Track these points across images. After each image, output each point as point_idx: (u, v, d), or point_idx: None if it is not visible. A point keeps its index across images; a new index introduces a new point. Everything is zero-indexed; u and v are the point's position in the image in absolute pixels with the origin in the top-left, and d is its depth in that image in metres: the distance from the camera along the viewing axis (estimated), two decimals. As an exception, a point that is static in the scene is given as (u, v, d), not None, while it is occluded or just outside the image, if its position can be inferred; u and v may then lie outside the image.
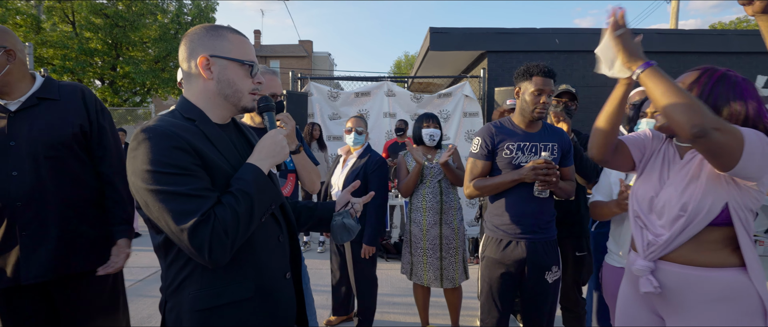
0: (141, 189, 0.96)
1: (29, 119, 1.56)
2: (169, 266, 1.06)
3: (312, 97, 6.28)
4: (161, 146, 0.95)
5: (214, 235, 0.94)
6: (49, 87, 1.64)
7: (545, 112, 1.98)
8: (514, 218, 2.02)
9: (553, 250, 2.05)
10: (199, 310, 1.03)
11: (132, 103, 14.66)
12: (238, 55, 1.10)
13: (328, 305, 3.52)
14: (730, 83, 1.21)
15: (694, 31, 7.06)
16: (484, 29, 6.76)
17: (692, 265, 1.23)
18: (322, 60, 33.12)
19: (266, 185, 1.07)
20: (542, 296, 2.03)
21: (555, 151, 2.04)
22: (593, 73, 6.68)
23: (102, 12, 12.57)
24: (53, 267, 1.57)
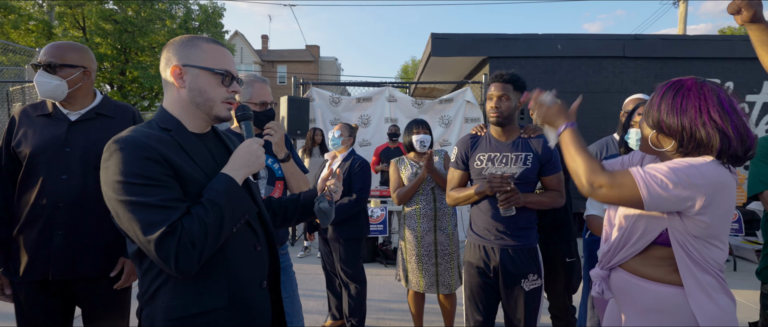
0: (112, 199, 0.97)
1: (85, 131, 1.71)
2: (144, 274, 1.07)
3: (314, 102, 6.32)
4: (132, 157, 0.96)
5: (180, 246, 0.94)
6: (107, 105, 1.80)
7: (499, 115, 1.99)
8: (488, 225, 2.04)
9: (530, 258, 2.03)
10: (172, 318, 1.03)
11: (140, 107, 14.89)
12: (210, 64, 1.11)
13: (323, 310, 3.54)
14: (673, 95, 1.18)
15: (699, 36, 7.00)
16: (486, 35, 6.78)
17: (637, 276, 1.29)
18: (329, 65, 33.31)
19: (238, 195, 1.07)
20: (517, 304, 2.02)
21: (529, 162, 2.01)
22: (596, 79, 6.70)
23: (111, 18, 12.82)
24: (81, 267, 1.68)
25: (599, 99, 6.70)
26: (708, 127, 1.12)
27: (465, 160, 2.14)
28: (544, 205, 2.03)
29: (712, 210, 1.11)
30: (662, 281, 1.23)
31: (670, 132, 1.18)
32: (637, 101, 2.60)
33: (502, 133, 2.06)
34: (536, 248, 2.08)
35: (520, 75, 2.07)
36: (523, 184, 2.01)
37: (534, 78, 6.79)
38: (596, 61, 6.77)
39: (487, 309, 2.09)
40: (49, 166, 1.64)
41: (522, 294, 2.00)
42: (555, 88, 5.54)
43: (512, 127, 2.06)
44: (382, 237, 5.46)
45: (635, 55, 6.73)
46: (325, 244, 3.08)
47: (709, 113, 1.12)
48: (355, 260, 2.94)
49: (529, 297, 2.01)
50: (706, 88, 1.16)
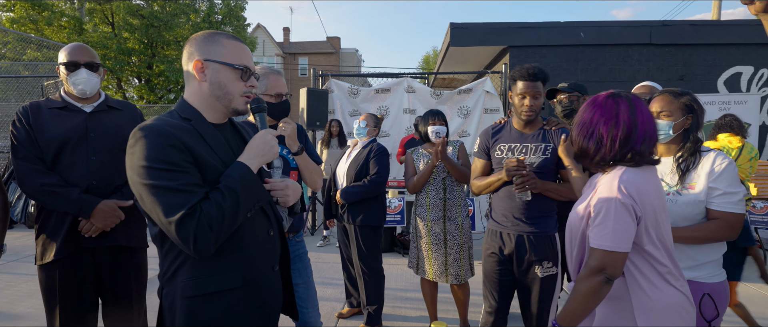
0: (136, 183, 1.05)
1: (103, 120, 1.93)
2: (165, 255, 1.15)
3: (333, 93, 6.38)
4: (155, 143, 1.03)
5: (199, 228, 1.01)
6: (112, 101, 2.02)
7: (533, 113, 2.04)
8: (505, 212, 2.11)
9: (546, 245, 2.05)
10: (190, 296, 1.11)
11: (167, 100, 15.30)
12: (229, 60, 1.18)
13: (341, 298, 3.62)
14: (583, 109, 1.35)
15: (731, 21, 6.71)
16: (506, 24, 6.67)
17: None
18: (350, 56, 33.37)
19: (253, 182, 1.14)
20: (532, 290, 2.06)
21: (548, 152, 2.05)
22: (620, 67, 6.55)
23: (138, 13, 13.18)
24: (112, 236, 1.88)
25: (624, 88, 6.51)
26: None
27: (487, 150, 2.21)
28: (562, 194, 2.05)
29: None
30: None
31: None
32: (647, 88, 2.54)
33: (524, 124, 2.11)
34: (554, 236, 2.09)
35: (542, 67, 2.09)
36: (541, 174, 2.03)
37: (556, 67, 6.66)
38: (621, 48, 6.58)
39: (503, 294, 2.15)
40: (78, 149, 1.84)
41: (537, 280, 2.04)
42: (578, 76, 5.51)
43: (535, 120, 2.10)
44: (400, 227, 5.50)
45: (663, 42, 6.50)
46: (343, 232, 3.14)
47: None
48: (372, 248, 2.99)
49: (543, 283, 2.04)
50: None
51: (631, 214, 1.23)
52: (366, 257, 2.97)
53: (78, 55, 1.87)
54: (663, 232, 1.29)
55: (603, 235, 1.22)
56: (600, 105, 1.31)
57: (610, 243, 1.22)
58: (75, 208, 1.79)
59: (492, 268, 2.15)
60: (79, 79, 1.86)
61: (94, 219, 1.81)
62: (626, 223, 1.22)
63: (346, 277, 3.32)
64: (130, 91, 15.20)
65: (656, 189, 1.30)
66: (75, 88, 1.87)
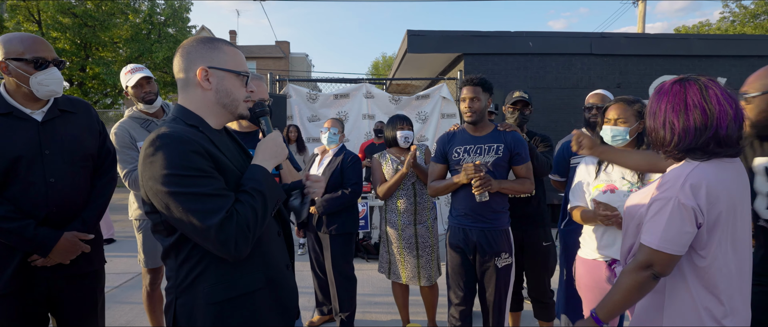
0: (161, 192, 1.01)
1: (59, 130, 1.65)
2: (180, 265, 1.11)
3: (290, 99, 6.26)
4: (179, 151, 1.01)
5: (238, 230, 1.02)
6: (61, 100, 1.71)
7: (474, 114, 2.26)
8: (466, 210, 2.29)
9: (502, 238, 2.28)
10: (216, 302, 1.09)
11: (103, 104, 14.25)
12: (233, 66, 1.18)
13: (309, 307, 3.55)
14: (654, 98, 1.26)
15: (659, 35, 7.38)
16: (461, 32, 6.90)
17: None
18: (300, 61, 32.91)
19: (274, 184, 1.17)
20: (491, 279, 2.28)
21: (500, 152, 2.27)
22: (565, 75, 6.95)
23: (70, 11, 12.17)
24: (72, 264, 1.67)
25: (568, 94, 6.97)
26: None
27: (444, 154, 2.40)
28: (516, 190, 2.29)
29: None
30: None
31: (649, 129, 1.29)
32: (599, 97, 2.76)
33: (476, 128, 2.35)
34: (508, 230, 2.33)
35: (486, 77, 2.33)
36: (495, 172, 2.26)
37: (507, 74, 6.98)
38: (565, 57, 7.02)
39: (467, 286, 2.36)
40: (32, 171, 1.57)
41: (495, 270, 2.26)
42: (527, 83, 5.81)
43: (484, 123, 2.35)
44: (363, 232, 5.49)
45: (601, 52, 7.03)
46: (315, 240, 3.08)
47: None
48: (346, 255, 2.97)
49: (501, 273, 2.27)
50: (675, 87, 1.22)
51: (691, 218, 1.14)
52: (340, 264, 2.94)
53: (44, 50, 1.59)
54: (737, 241, 1.18)
55: (653, 232, 1.18)
56: (666, 92, 1.22)
57: (657, 242, 1.17)
58: (31, 247, 1.54)
59: (457, 263, 2.35)
60: (50, 79, 1.59)
61: (53, 255, 1.59)
62: (681, 226, 1.14)
63: (316, 285, 3.27)
64: (60, 95, 13.96)
65: (734, 189, 1.17)
66: (42, 90, 1.59)
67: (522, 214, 2.60)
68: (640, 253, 1.21)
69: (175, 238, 1.09)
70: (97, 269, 1.81)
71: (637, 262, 1.21)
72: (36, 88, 1.58)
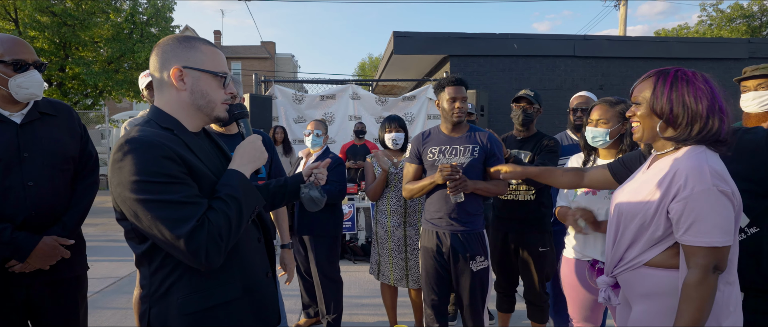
0: (129, 199, 0.96)
1: (38, 132, 1.62)
2: (153, 273, 1.06)
3: (276, 100, 6.22)
4: (149, 156, 0.96)
5: (210, 240, 0.97)
6: (42, 102, 1.68)
7: (463, 115, 2.22)
8: (439, 213, 2.24)
9: (477, 241, 2.24)
10: (189, 313, 1.05)
11: (83, 105, 13.93)
12: (210, 67, 1.13)
13: (296, 309, 3.52)
14: (683, 83, 1.23)
15: (639, 38, 7.55)
16: (447, 34, 6.94)
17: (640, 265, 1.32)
18: (286, 62, 32.69)
19: (251, 189, 1.12)
20: (466, 282, 2.22)
21: (476, 153, 2.24)
22: (549, 77, 7.02)
23: (49, 9, 11.87)
24: (52, 270, 1.62)
25: (552, 96, 7.06)
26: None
27: (418, 154, 2.35)
28: (490, 192, 2.25)
29: None
30: (662, 266, 1.27)
31: (686, 117, 1.21)
32: (584, 98, 2.79)
33: (452, 129, 2.30)
34: (483, 233, 2.29)
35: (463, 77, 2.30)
36: (470, 173, 2.21)
37: (492, 75, 7.05)
38: (549, 59, 7.12)
39: (441, 289, 2.31)
40: (11, 174, 1.54)
41: (470, 274, 2.21)
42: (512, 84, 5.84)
43: (462, 123, 2.30)
44: (350, 234, 5.48)
45: (584, 55, 7.14)
46: (300, 244, 3.06)
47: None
48: (331, 258, 2.95)
49: (476, 276, 2.22)
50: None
51: (732, 202, 1.15)
52: (325, 267, 2.92)
53: (24, 52, 1.56)
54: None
55: (707, 230, 1.13)
56: (679, 76, 1.23)
57: (719, 238, 1.12)
58: (7, 251, 1.51)
59: (431, 265, 2.31)
60: (30, 81, 1.55)
61: (31, 260, 1.54)
62: (729, 214, 1.14)
63: (302, 287, 3.25)
64: (38, 95, 13.60)
65: None
66: (22, 93, 1.55)
67: (519, 218, 2.55)
68: (699, 257, 1.13)
69: (147, 245, 1.04)
70: (79, 275, 1.76)
71: (701, 267, 1.13)
72: (15, 90, 1.55)
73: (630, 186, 1.38)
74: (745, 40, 7.61)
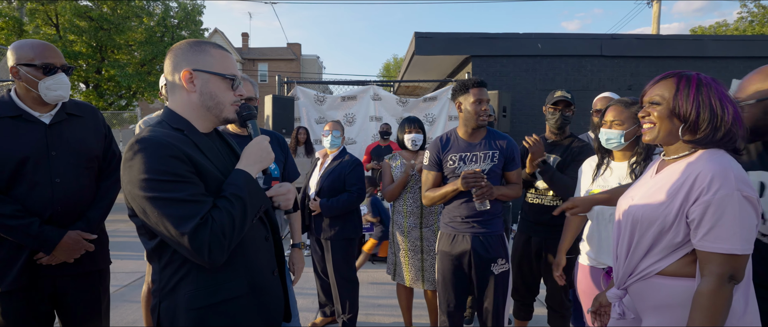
0: (138, 197, 1.01)
1: (65, 132, 1.71)
2: (163, 269, 1.11)
3: (298, 101, 6.32)
4: (157, 155, 1.01)
5: (213, 237, 1.00)
6: (69, 104, 1.78)
7: (487, 118, 2.18)
8: (459, 216, 2.23)
9: (498, 244, 2.22)
10: (196, 308, 1.09)
11: (117, 106, 14.52)
12: (219, 69, 1.17)
13: (313, 308, 3.57)
14: (708, 88, 1.20)
15: (671, 36, 7.25)
16: (468, 34, 6.87)
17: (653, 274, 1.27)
18: (311, 63, 33.11)
19: (257, 189, 1.15)
20: (487, 286, 2.20)
21: (495, 159, 2.21)
22: (575, 77, 6.84)
23: (86, 14, 12.44)
24: (76, 264, 1.71)
25: (578, 97, 6.84)
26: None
27: (438, 161, 2.31)
28: (509, 196, 2.24)
29: None
30: (677, 275, 1.21)
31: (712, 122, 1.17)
32: (605, 100, 2.71)
33: (470, 134, 2.25)
34: (503, 235, 2.26)
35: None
36: (491, 179, 2.20)
37: (515, 76, 6.93)
38: (575, 59, 6.94)
39: (459, 295, 2.28)
40: (38, 170, 1.63)
41: (492, 277, 2.19)
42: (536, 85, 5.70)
43: (483, 127, 2.26)
44: (369, 235, 5.50)
45: (612, 54, 6.93)
46: (317, 244, 3.10)
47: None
48: (348, 259, 2.97)
49: (498, 280, 2.19)
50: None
51: (756, 209, 1.10)
52: (342, 268, 2.94)
53: (53, 57, 1.67)
54: None
55: (727, 237, 1.08)
56: (706, 83, 1.20)
57: (740, 246, 1.08)
58: (35, 244, 1.60)
59: (449, 270, 2.27)
60: (58, 84, 1.66)
61: (56, 253, 1.64)
62: (752, 221, 1.10)
63: (319, 286, 3.28)
64: (77, 96, 14.28)
65: None
66: (50, 95, 1.66)
67: (545, 223, 2.49)
68: (716, 265, 1.09)
69: (156, 241, 1.09)
70: (102, 269, 1.85)
71: (716, 275, 1.09)
72: (44, 92, 1.65)
73: (639, 192, 1.32)
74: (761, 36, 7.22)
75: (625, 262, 1.32)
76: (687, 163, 1.20)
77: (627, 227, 1.30)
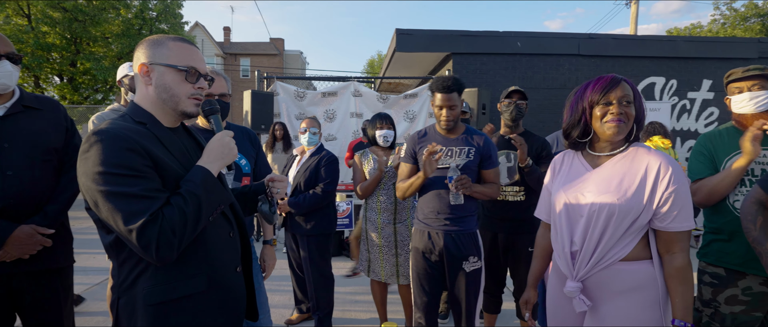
0: (91, 189, 0.99)
1: (20, 124, 1.67)
2: (121, 264, 1.10)
3: (278, 96, 6.25)
4: (113, 148, 0.99)
5: (161, 235, 0.98)
6: (29, 97, 1.75)
7: (451, 123, 2.19)
8: (432, 213, 2.22)
9: (470, 242, 2.22)
10: (154, 304, 1.08)
11: (93, 100, 14.14)
12: (173, 61, 1.15)
13: (289, 305, 3.56)
14: (639, 92, 1.40)
15: (646, 36, 7.42)
16: (449, 31, 6.91)
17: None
18: (294, 58, 32.79)
19: (214, 186, 1.13)
20: (460, 284, 2.21)
21: (471, 155, 2.21)
22: (553, 75, 6.95)
23: (60, 5, 12.05)
24: (32, 260, 1.66)
25: (556, 95, 6.99)
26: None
27: (414, 154, 2.32)
28: (485, 195, 2.22)
29: None
30: (638, 259, 1.34)
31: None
32: None
33: (448, 130, 2.25)
34: (476, 233, 2.26)
35: (458, 77, 2.23)
36: (466, 174, 2.17)
37: (495, 74, 7.00)
38: (553, 58, 7.05)
39: (433, 291, 2.29)
40: None
41: (464, 275, 2.19)
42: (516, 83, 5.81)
43: (457, 125, 2.26)
44: (348, 231, 5.51)
45: (589, 53, 7.06)
46: (293, 240, 3.09)
47: None
48: (323, 254, 2.97)
49: (470, 277, 2.20)
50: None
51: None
52: (317, 263, 2.94)
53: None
54: None
55: (687, 216, 1.28)
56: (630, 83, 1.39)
57: (693, 221, 1.30)
58: None
59: (422, 266, 2.28)
60: (9, 72, 1.61)
61: (8, 248, 1.58)
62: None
63: (294, 283, 3.28)
64: (50, 90, 13.83)
65: None
66: (7, 85, 1.62)
67: (511, 218, 2.55)
68: (684, 241, 1.29)
69: (113, 236, 1.07)
70: (63, 267, 1.79)
71: (686, 249, 1.29)
72: None
73: (589, 186, 1.38)
74: (756, 39, 7.45)
75: (592, 253, 1.35)
76: (631, 157, 1.36)
77: (599, 220, 1.33)
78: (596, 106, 1.36)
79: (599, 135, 1.39)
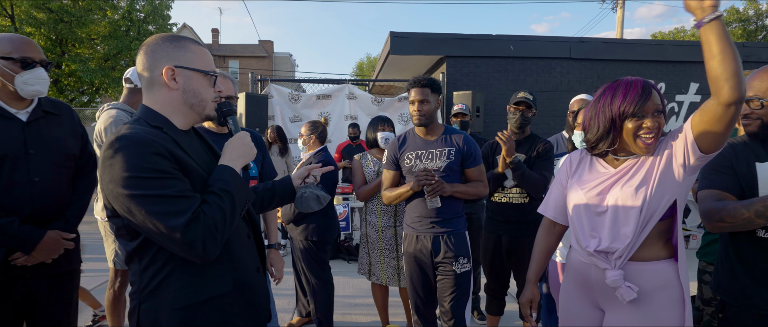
0: (121, 195, 0.97)
1: (43, 130, 1.68)
2: (144, 270, 1.08)
3: (272, 99, 6.23)
4: (140, 152, 0.98)
5: (206, 231, 0.99)
6: (46, 102, 1.75)
7: (423, 117, 2.19)
8: (420, 216, 2.22)
9: (459, 243, 2.21)
10: (181, 307, 1.06)
11: (79, 102, 13.87)
12: (202, 66, 1.16)
13: (290, 308, 3.53)
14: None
15: (635, 41, 7.57)
16: (443, 35, 6.95)
17: (636, 261, 1.31)
18: (283, 61, 32.63)
19: (242, 184, 1.14)
20: (449, 285, 2.20)
21: (452, 156, 2.21)
22: (545, 78, 7.03)
23: (45, 6, 11.81)
24: (53, 264, 1.68)
25: (548, 97, 7.08)
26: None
27: (395, 160, 2.32)
28: (469, 194, 2.23)
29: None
30: (657, 258, 1.31)
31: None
32: (581, 102, 2.81)
33: (427, 132, 2.26)
34: (465, 234, 2.26)
35: (435, 78, 2.25)
36: (448, 176, 2.20)
37: (488, 76, 7.06)
38: (545, 61, 7.14)
39: (427, 294, 2.30)
40: (17, 169, 1.59)
41: (453, 276, 2.19)
42: (508, 86, 5.82)
43: (435, 126, 2.26)
44: (344, 234, 5.49)
45: (580, 57, 7.17)
46: (293, 243, 3.07)
47: None
48: (322, 260, 2.94)
49: (459, 279, 2.20)
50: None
51: None
52: (315, 269, 2.92)
53: (31, 51, 1.62)
54: None
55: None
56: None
57: None
58: (15, 243, 1.56)
59: (415, 271, 2.28)
60: (35, 78, 1.60)
61: (36, 253, 1.59)
62: None
63: (297, 285, 3.25)
64: (34, 92, 13.51)
65: None
66: (27, 89, 1.60)
67: (513, 221, 2.55)
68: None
69: (138, 242, 1.06)
70: (75, 268, 1.82)
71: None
72: (21, 87, 1.60)
73: (613, 190, 1.34)
74: (740, 44, 7.66)
75: (629, 243, 1.30)
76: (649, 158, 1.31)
77: (627, 220, 1.29)
78: (629, 118, 1.26)
79: (631, 148, 1.30)
